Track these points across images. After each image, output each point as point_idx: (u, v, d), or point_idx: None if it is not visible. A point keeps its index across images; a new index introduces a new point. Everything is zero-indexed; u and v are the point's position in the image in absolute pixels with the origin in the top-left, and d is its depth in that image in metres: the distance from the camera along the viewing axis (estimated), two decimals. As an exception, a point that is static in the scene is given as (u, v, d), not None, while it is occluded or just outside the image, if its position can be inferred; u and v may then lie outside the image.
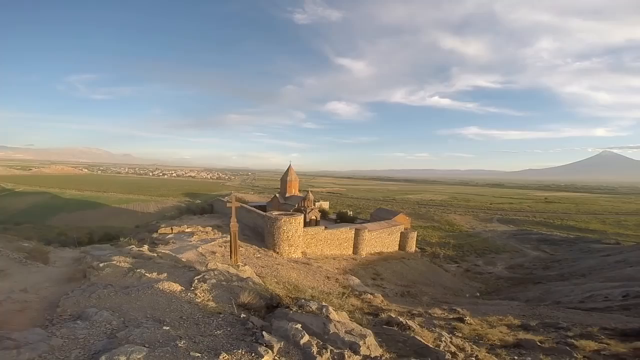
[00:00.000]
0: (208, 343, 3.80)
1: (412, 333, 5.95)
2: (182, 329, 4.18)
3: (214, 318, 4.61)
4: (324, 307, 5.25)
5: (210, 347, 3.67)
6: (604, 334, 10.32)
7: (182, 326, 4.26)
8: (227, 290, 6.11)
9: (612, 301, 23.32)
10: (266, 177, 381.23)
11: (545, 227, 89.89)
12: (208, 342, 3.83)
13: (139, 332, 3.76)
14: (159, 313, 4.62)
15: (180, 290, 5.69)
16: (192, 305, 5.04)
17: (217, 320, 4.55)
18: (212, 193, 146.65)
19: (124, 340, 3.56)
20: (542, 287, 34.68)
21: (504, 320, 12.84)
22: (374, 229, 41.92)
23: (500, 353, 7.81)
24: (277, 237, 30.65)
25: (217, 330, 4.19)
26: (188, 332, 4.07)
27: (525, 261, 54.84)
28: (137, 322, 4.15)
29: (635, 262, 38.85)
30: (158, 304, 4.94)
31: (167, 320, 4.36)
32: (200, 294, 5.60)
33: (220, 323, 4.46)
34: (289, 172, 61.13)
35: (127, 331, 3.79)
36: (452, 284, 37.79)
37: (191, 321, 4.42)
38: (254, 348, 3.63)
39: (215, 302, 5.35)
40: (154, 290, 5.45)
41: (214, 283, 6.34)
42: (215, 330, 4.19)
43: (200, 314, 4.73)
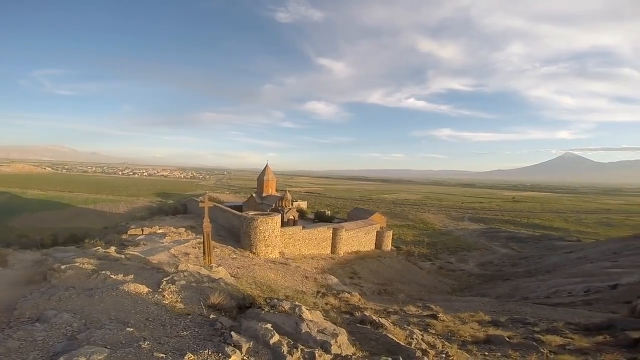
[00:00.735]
0: (174, 344, 3.75)
1: (385, 331, 5.99)
2: (147, 330, 4.10)
3: (181, 319, 4.55)
4: (296, 306, 5.26)
5: (175, 348, 3.63)
6: (568, 329, 10.77)
7: (147, 327, 4.18)
8: (197, 291, 6.05)
9: (575, 296, 24.68)
10: (243, 176, 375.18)
11: (513, 226, 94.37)
12: (174, 343, 3.79)
13: (100, 334, 3.69)
14: (124, 315, 4.52)
15: (147, 291, 5.57)
16: (159, 306, 4.96)
17: (185, 321, 4.50)
18: (186, 193, 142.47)
19: (84, 342, 3.50)
20: (511, 283, 36.26)
21: (475, 316, 13.16)
22: (351, 228, 42.19)
23: (472, 349, 8.01)
24: (254, 238, 30.17)
25: (183, 331, 4.15)
26: (153, 334, 3.99)
27: (495, 258, 57.24)
28: (100, 324, 4.06)
29: (594, 259, 41.45)
30: (123, 306, 4.83)
31: (131, 322, 4.27)
32: (169, 295, 5.52)
33: (188, 324, 4.42)
34: (266, 171, 60.46)
35: (88, 333, 3.72)
36: (426, 281, 38.75)
37: (157, 322, 4.35)
38: (221, 348, 3.60)
39: (184, 304, 5.28)
40: (119, 292, 5.31)
41: (183, 284, 6.25)
42: (182, 331, 4.14)
43: (167, 315, 4.66)
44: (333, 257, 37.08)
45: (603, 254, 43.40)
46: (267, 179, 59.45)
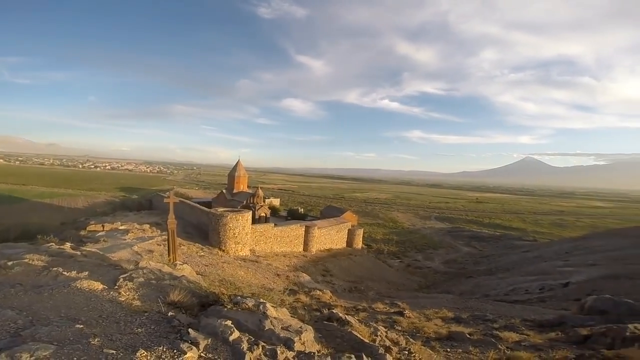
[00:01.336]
0: (126, 341, 3.66)
1: (350, 328, 5.98)
2: (99, 327, 3.93)
3: (137, 316, 4.43)
4: (261, 303, 5.20)
5: (128, 345, 3.55)
6: (524, 325, 11.23)
7: (99, 324, 4.02)
8: (156, 288, 5.86)
9: (531, 294, 26.17)
10: (213, 172, 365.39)
11: (476, 225, 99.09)
12: (127, 339, 3.69)
13: (47, 331, 3.53)
14: (75, 312, 4.31)
15: (102, 288, 5.31)
16: (114, 304, 4.80)
17: (141, 318, 4.39)
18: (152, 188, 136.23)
19: (29, 339, 3.32)
20: (473, 281, 37.97)
21: (439, 313, 13.46)
22: (324, 226, 42.36)
23: (435, 345, 8.16)
24: (223, 235, 29.46)
25: (138, 329, 4.04)
26: (105, 330, 3.85)
27: (459, 256, 59.81)
28: (48, 321, 3.85)
29: (549, 258, 44.35)
30: (75, 303, 4.60)
31: (82, 319, 4.08)
32: (125, 292, 5.33)
33: (144, 321, 4.30)
34: (238, 167, 59.29)
35: (34, 329, 3.55)
36: (395, 278, 39.72)
37: (111, 320, 4.23)
38: (177, 345, 3.53)
39: (142, 301, 5.11)
40: (72, 289, 5.03)
41: (142, 282, 6.04)
42: (136, 329, 4.04)
43: (122, 312, 4.53)
44: (305, 255, 37.05)
45: (556, 254, 46.49)
46: (239, 175, 58.37)
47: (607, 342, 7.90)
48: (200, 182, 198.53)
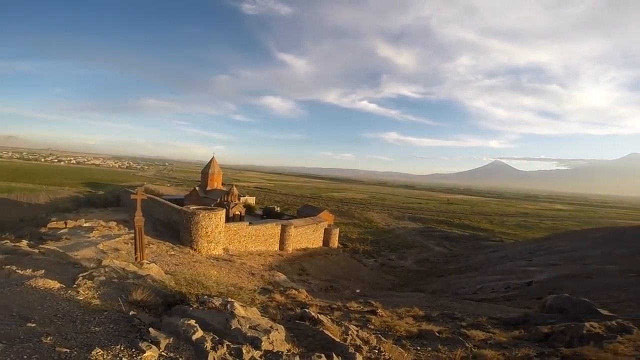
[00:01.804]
0: (82, 340, 3.64)
1: (322, 327, 5.99)
2: (53, 326, 3.89)
3: (95, 315, 4.41)
4: (228, 303, 5.17)
5: (83, 344, 3.54)
6: (490, 324, 11.62)
7: (53, 324, 3.96)
8: (118, 287, 5.79)
9: (498, 292, 27.29)
10: (186, 168, 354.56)
11: (447, 226, 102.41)
12: (82, 338, 3.68)
13: None
14: (28, 311, 4.22)
15: (59, 287, 5.18)
16: (71, 303, 4.73)
17: (100, 317, 4.36)
18: (120, 184, 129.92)
19: None
20: (444, 279, 39.14)
21: (411, 311, 13.72)
22: (300, 225, 42.18)
23: (406, 344, 8.32)
24: (195, 233, 28.62)
25: (96, 328, 4.03)
26: (60, 330, 3.82)
27: (430, 256, 61.55)
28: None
29: (514, 258, 46.46)
30: (28, 302, 4.50)
31: (35, 318, 4.01)
32: (84, 291, 5.25)
33: (103, 320, 4.28)
34: (212, 164, 57.94)
35: None
36: (370, 277, 40.26)
37: (67, 319, 4.18)
38: (135, 343, 3.50)
39: (101, 300, 5.06)
40: (25, 288, 4.91)
41: (103, 280, 5.97)
42: (94, 328, 4.03)
43: (79, 311, 4.48)
44: (281, 254, 36.76)
45: (520, 254, 48.75)
46: (213, 172, 57.10)
47: (566, 340, 8.28)
48: (172, 179, 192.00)
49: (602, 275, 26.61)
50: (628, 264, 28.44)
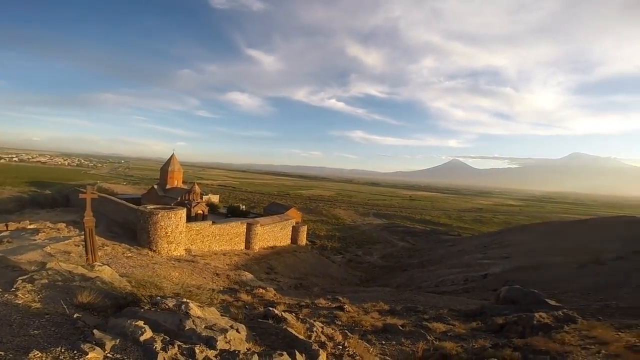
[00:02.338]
0: (19, 342, 3.56)
1: (286, 325, 5.94)
2: None
3: (36, 319, 4.29)
4: (183, 303, 5.11)
5: (19, 347, 3.45)
6: (451, 316, 12.10)
7: None
8: (62, 290, 5.61)
9: (457, 285, 28.70)
10: (144, 165, 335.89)
11: (409, 221, 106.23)
12: (19, 341, 3.60)
13: None
14: None
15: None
16: (8, 306, 4.60)
17: (40, 321, 4.25)
18: (69, 182, 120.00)
19: None
20: (407, 274, 40.53)
21: (377, 306, 13.95)
22: (267, 223, 41.67)
23: (371, 338, 8.48)
24: (153, 234, 27.12)
25: (35, 331, 3.96)
26: None
27: (395, 251, 63.51)
28: None
29: (471, 251, 49.16)
30: None
31: None
32: (23, 295, 5.10)
33: (43, 324, 4.19)
34: (172, 161, 55.35)
35: None
36: (338, 274, 40.69)
37: (3, 322, 4.08)
38: (77, 345, 3.43)
39: (43, 303, 4.91)
40: None
41: (45, 283, 5.77)
42: (33, 331, 3.95)
43: (18, 315, 4.35)
44: (248, 253, 36.03)
45: (476, 247, 51.71)
46: (173, 169, 54.63)
47: (519, 331, 8.73)
48: (128, 177, 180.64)
49: (548, 267, 28.92)
50: (572, 256, 31.15)
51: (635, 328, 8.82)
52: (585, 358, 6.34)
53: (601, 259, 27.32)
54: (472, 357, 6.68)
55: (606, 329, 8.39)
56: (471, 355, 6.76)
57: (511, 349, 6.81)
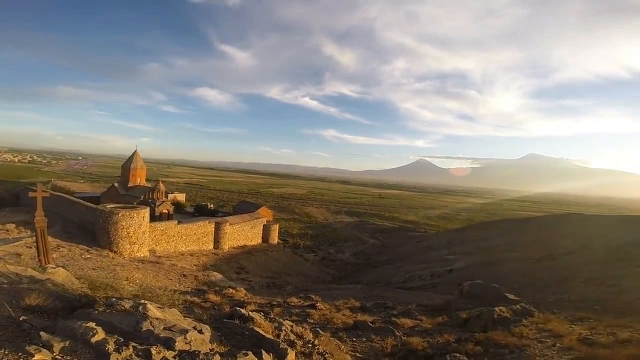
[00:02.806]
0: None
1: (252, 325, 5.89)
2: None
3: None
4: (140, 304, 5.05)
5: None
6: (419, 311, 12.42)
7: None
8: (8, 293, 5.49)
9: (424, 280, 29.64)
10: (105, 162, 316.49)
11: (379, 219, 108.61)
12: None
13: None
14: None
15: None
16: None
17: None
18: (20, 180, 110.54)
19: None
20: (378, 270, 41.41)
21: (348, 303, 14.13)
22: (236, 222, 40.99)
23: (342, 336, 8.59)
24: (114, 234, 25.73)
25: None
26: None
27: (365, 248, 64.69)
28: None
29: (436, 247, 51.11)
30: None
31: None
32: None
33: None
34: (134, 158, 52.70)
35: None
36: (311, 272, 40.79)
37: None
38: (22, 347, 3.38)
39: None
40: None
41: None
42: None
43: None
44: (217, 253, 35.21)
45: (442, 244, 53.78)
46: (135, 166, 52.09)
47: (481, 325, 9.06)
48: (87, 175, 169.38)
49: (507, 262, 30.62)
50: (528, 252, 33.20)
51: (586, 321, 9.39)
52: (541, 351, 6.58)
53: (554, 254, 29.36)
54: (437, 351, 6.87)
55: (560, 321, 8.87)
56: (436, 350, 6.97)
57: (473, 344, 7.06)
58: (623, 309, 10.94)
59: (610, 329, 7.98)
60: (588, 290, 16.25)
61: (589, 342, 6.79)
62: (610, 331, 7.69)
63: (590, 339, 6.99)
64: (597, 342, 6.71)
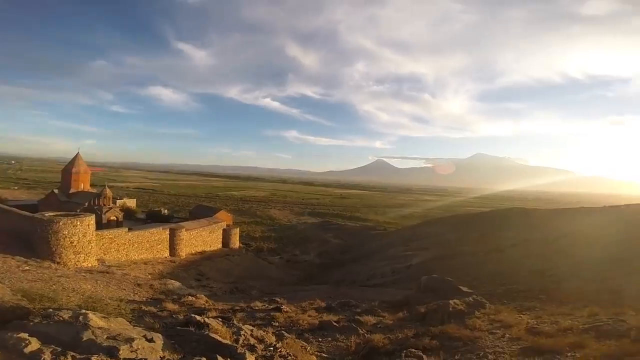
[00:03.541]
0: None
1: (208, 331, 5.80)
2: None
3: None
4: (81, 314, 4.98)
5: None
6: (381, 307, 12.74)
7: None
8: None
9: (386, 277, 30.53)
10: (43, 167, 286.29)
11: (341, 219, 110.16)
12: None
13: None
14: None
15: None
16: None
17: None
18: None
19: None
20: (343, 269, 41.94)
21: (314, 304, 14.16)
22: (193, 227, 39.46)
23: (308, 337, 8.63)
24: (56, 244, 23.61)
25: None
26: None
27: (330, 248, 65.19)
28: None
29: (396, 244, 52.84)
30: None
31: None
32: None
33: None
34: (77, 161, 48.55)
35: None
36: (276, 275, 40.31)
37: None
38: None
39: None
40: None
41: None
42: None
43: None
44: (173, 260, 33.56)
45: (401, 241, 55.60)
46: (78, 171, 48.09)
47: (438, 318, 9.40)
48: (21, 180, 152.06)
49: (460, 256, 32.53)
50: (478, 245, 35.55)
51: (533, 310, 10.13)
52: (492, 343, 6.95)
53: (500, 247, 31.77)
54: (396, 347, 7.08)
55: (510, 312, 9.47)
56: (396, 346, 7.18)
57: (430, 338, 7.39)
58: (563, 298, 11.97)
59: (554, 317, 8.61)
60: (532, 281, 17.71)
61: (535, 332, 7.21)
62: (554, 320, 8.30)
63: (536, 328, 7.47)
64: (543, 332, 7.14)
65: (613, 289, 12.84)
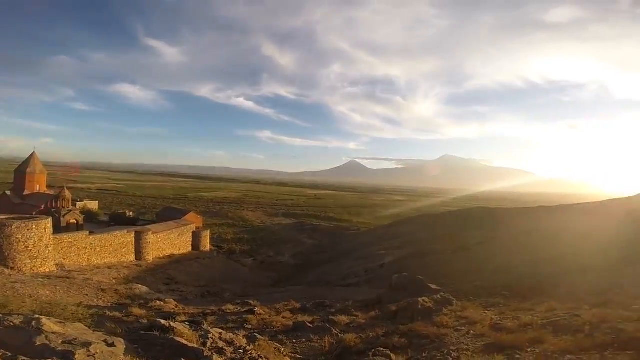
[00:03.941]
0: None
1: (173, 335, 5.68)
2: None
3: None
4: (34, 320, 4.85)
5: None
6: (354, 307, 12.86)
7: None
8: None
9: (360, 277, 30.80)
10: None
11: (316, 219, 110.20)
12: None
13: None
14: None
15: None
16: None
17: None
18: None
19: None
20: (318, 270, 41.93)
21: (289, 305, 14.14)
22: (160, 230, 38.16)
23: (282, 338, 8.58)
24: (9, 249, 22.26)
25: None
26: None
27: (305, 249, 65.13)
28: None
29: (368, 244, 53.63)
30: None
31: None
32: None
33: None
34: (32, 161, 45.33)
35: None
36: (250, 277, 39.65)
37: None
38: None
39: None
40: None
41: None
42: None
43: None
44: (140, 265, 32.28)
45: (373, 240, 56.56)
46: (33, 171, 45.03)
47: (408, 316, 9.59)
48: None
49: (431, 254, 33.51)
50: (446, 243, 36.82)
51: (497, 306, 10.54)
52: (457, 339, 7.14)
53: (467, 245, 33.15)
54: (368, 346, 7.18)
55: (476, 308, 9.80)
56: (367, 345, 7.27)
57: (399, 336, 7.54)
58: (525, 294, 12.56)
59: (516, 313, 8.92)
60: (497, 278, 18.58)
61: (498, 328, 7.43)
62: (516, 315, 8.58)
63: (499, 324, 7.71)
64: (505, 328, 7.36)
65: (570, 284, 13.68)
